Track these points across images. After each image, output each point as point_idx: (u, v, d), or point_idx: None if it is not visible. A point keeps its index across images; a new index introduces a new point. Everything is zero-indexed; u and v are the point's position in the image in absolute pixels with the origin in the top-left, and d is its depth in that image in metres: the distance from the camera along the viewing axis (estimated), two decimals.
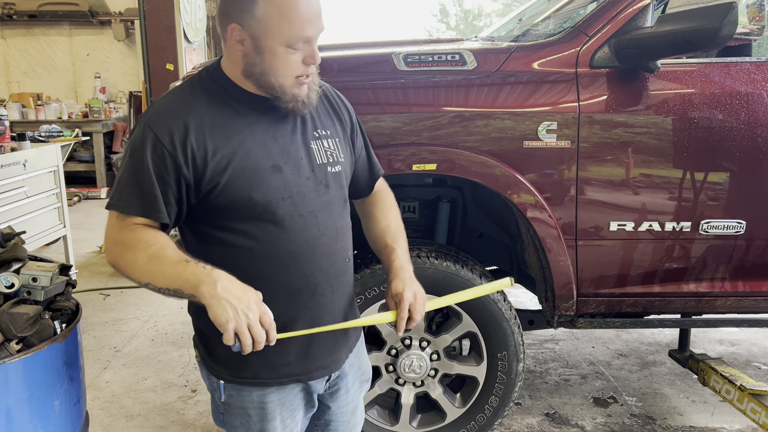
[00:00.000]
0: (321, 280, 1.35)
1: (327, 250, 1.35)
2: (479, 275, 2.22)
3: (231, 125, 1.26)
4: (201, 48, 5.23)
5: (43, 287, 1.99)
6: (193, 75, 1.35)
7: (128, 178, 1.24)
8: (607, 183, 2.12)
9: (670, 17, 1.92)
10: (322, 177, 1.34)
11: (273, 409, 1.36)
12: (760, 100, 2.10)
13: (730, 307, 2.29)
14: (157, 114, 1.25)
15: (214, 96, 1.28)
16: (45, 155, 4.07)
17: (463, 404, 2.32)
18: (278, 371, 1.35)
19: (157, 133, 1.22)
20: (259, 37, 1.20)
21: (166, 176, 1.22)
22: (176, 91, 1.30)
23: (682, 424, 2.68)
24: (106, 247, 1.28)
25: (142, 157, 1.22)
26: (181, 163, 1.22)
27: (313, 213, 1.32)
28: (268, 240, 1.28)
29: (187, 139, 1.22)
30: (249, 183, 1.25)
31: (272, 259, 1.29)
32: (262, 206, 1.26)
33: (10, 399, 1.76)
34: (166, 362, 3.24)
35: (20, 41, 8.59)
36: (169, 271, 1.18)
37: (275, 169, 1.27)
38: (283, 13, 1.18)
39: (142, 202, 1.23)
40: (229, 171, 1.23)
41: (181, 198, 1.25)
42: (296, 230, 1.30)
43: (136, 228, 1.24)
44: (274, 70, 1.22)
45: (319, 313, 1.37)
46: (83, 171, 8.07)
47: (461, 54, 2.14)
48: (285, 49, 1.20)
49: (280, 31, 1.19)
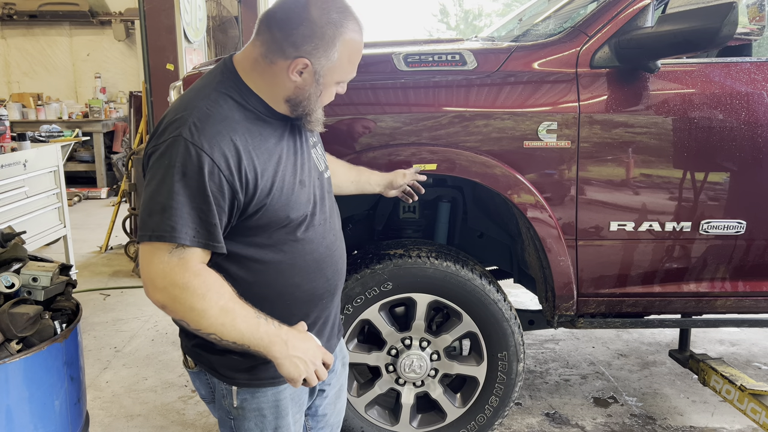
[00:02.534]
0: (338, 280, 1.42)
1: (340, 252, 1.44)
2: (479, 275, 2.22)
3: (266, 145, 1.26)
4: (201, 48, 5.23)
5: (44, 287, 1.99)
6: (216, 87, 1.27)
7: (184, 204, 1.14)
8: (607, 183, 2.12)
9: (671, 17, 1.92)
10: (326, 183, 1.42)
11: (286, 405, 1.40)
12: (760, 100, 2.10)
13: (731, 307, 2.29)
14: (202, 133, 1.16)
15: (247, 113, 1.26)
16: (45, 155, 4.07)
17: (463, 404, 2.32)
18: None
19: (213, 157, 1.14)
20: (324, 75, 1.27)
21: (222, 203, 1.17)
22: (210, 105, 1.22)
23: (682, 424, 2.68)
24: (158, 286, 1.16)
25: (199, 182, 1.14)
26: (238, 189, 1.18)
27: (327, 219, 1.39)
28: (297, 251, 1.32)
29: (241, 163, 1.18)
30: (287, 202, 1.27)
31: (301, 269, 1.33)
32: (296, 222, 1.29)
33: (11, 399, 1.76)
34: (167, 362, 3.24)
35: (20, 41, 8.60)
36: (242, 327, 1.17)
37: (301, 184, 1.31)
38: (351, 59, 1.29)
39: (200, 231, 1.16)
40: (273, 192, 1.24)
41: (229, 223, 1.22)
42: (319, 238, 1.35)
43: (199, 270, 1.16)
44: (320, 101, 1.31)
45: (333, 310, 1.47)
46: (83, 171, 8.07)
47: (461, 54, 2.13)
48: (336, 85, 1.32)
49: (342, 72, 1.30)
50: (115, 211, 5.32)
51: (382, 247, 2.27)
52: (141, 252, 1.19)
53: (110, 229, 5.30)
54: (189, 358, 1.40)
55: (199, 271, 1.17)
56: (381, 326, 2.23)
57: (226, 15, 7.08)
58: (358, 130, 2.06)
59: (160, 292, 1.16)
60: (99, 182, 7.96)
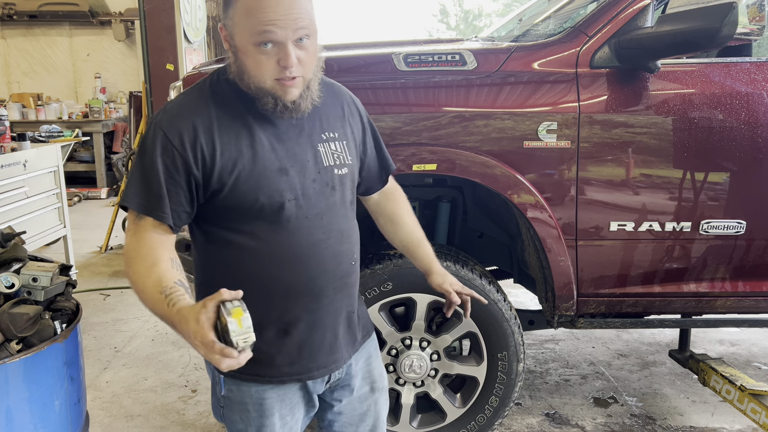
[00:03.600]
0: (326, 282, 1.35)
1: (333, 252, 1.35)
2: (479, 275, 2.22)
3: (238, 127, 1.27)
4: (201, 48, 5.23)
5: (44, 287, 2.00)
6: (204, 78, 1.36)
7: (137, 176, 1.26)
8: (607, 183, 2.12)
9: (671, 17, 1.92)
10: (329, 179, 1.35)
11: (272, 405, 1.37)
12: (760, 100, 2.10)
13: (731, 308, 2.29)
14: (166, 116, 1.27)
15: (223, 98, 1.29)
16: (45, 155, 4.07)
17: (463, 404, 2.32)
18: (279, 370, 1.36)
19: (167, 134, 1.23)
20: (234, 36, 1.23)
21: (177, 176, 1.24)
22: (186, 93, 1.32)
23: (682, 424, 2.68)
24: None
25: (152, 157, 1.24)
26: (191, 163, 1.23)
27: (318, 215, 1.32)
28: (274, 242, 1.29)
29: (197, 140, 1.24)
30: (256, 185, 1.26)
31: (278, 260, 1.30)
32: (269, 208, 1.27)
33: (11, 399, 1.76)
34: (167, 362, 3.24)
35: (20, 41, 8.59)
36: (149, 300, 1.18)
37: (281, 171, 1.28)
38: (249, 11, 1.18)
39: (147, 200, 1.24)
40: (236, 172, 1.25)
41: (192, 198, 1.27)
42: (302, 232, 1.30)
43: (141, 236, 1.24)
44: (248, 70, 1.23)
45: (320, 314, 1.37)
46: (83, 171, 8.07)
47: (461, 54, 2.13)
48: (254, 48, 1.20)
49: (247, 29, 1.19)
50: (115, 211, 5.32)
51: (382, 247, 2.27)
52: None
53: (110, 229, 5.30)
54: None
55: (142, 237, 1.24)
56: (381, 326, 2.23)
57: None
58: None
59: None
60: (99, 182, 7.96)
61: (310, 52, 1.23)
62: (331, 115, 1.40)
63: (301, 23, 1.19)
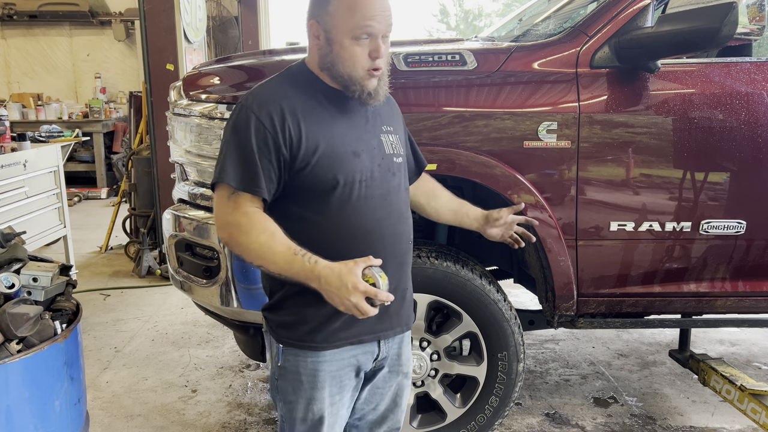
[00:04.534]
0: (387, 258, 1.43)
1: (393, 231, 1.48)
2: (479, 275, 2.22)
3: (318, 113, 1.41)
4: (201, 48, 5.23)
5: (44, 287, 2.00)
6: (284, 70, 1.49)
7: (233, 155, 1.37)
8: (607, 183, 2.12)
9: (671, 17, 1.92)
10: (390, 165, 1.49)
11: (323, 378, 1.45)
12: (760, 100, 2.10)
13: (731, 307, 2.29)
14: (256, 99, 1.39)
15: (302, 87, 1.43)
16: (45, 155, 4.07)
17: (463, 404, 2.32)
18: (335, 335, 1.44)
19: (259, 116, 1.36)
20: (330, 30, 1.37)
21: (268, 155, 1.36)
22: (270, 81, 1.46)
23: (682, 424, 2.68)
24: (219, 225, 1.40)
25: (246, 137, 1.36)
26: (281, 143, 1.36)
27: (382, 196, 1.46)
28: (343, 217, 1.41)
29: (285, 123, 1.36)
30: (334, 164, 1.39)
31: (345, 235, 1.42)
32: (343, 186, 1.39)
33: (11, 399, 1.76)
34: (167, 362, 3.24)
35: (20, 41, 8.60)
36: (280, 262, 1.32)
37: (354, 154, 1.42)
38: (351, 8, 1.34)
39: (244, 177, 1.36)
40: (318, 153, 1.37)
41: (280, 175, 1.38)
42: (367, 210, 1.43)
43: (249, 212, 1.36)
44: (342, 61, 1.38)
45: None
46: (83, 171, 8.07)
47: (461, 54, 2.13)
48: (351, 41, 1.36)
49: (346, 24, 1.35)
50: (115, 212, 5.32)
51: None
52: (214, 198, 1.42)
53: (110, 229, 5.30)
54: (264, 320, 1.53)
55: (248, 212, 1.36)
56: None
57: (226, 15, 7.09)
58: None
59: (221, 230, 1.39)
60: (99, 182, 7.96)
61: (388, 47, 1.41)
62: (386, 112, 1.56)
63: (391, 20, 1.38)
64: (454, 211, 1.83)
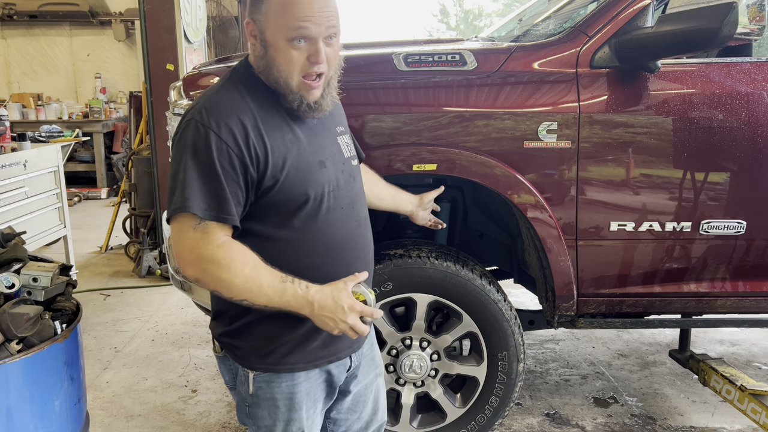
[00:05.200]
0: (360, 268, 1.40)
1: (363, 239, 1.44)
2: (479, 275, 2.22)
3: (278, 122, 1.29)
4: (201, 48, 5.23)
5: (44, 287, 2.00)
6: (230, 72, 1.35)
7: (194, 180, 1.21)
8: (607, 183, 2.12)
9: (671, 17, 1.92)
10: (351, 170, 1.42)
11: (300, 399, 1.40)
12: (760, 100, 2.10)
13: (731, 308, 2.29)
14: (212, 114, 1.24)
15: (255, 94, 1.30)
16: (45, 155, 4.07)
17: (463, 404, 2.32)
18: (314, 354, 1.38)
19: (219, 134, 1.22)
20: (264, 30, 1.25)
21: (235, 177, 1.23)
22: (220, 89, 1.31)
23: (682, 424, 2.68)
24: (186, 261, 1.24)
25: (208, 158, 1.21)
26: (248, 163, 1.23)
27: (350, 204, 1.39)
28: (315, 233, 1.33)
29: (249, 139, 1.23)
30: (304, 179, 1.29)
31: (319, 250, 1.34)
32: (314, 200, 1.31)
33: (11, 399, 1.76)
34: (167, 362, 3.24)
35: (20, 41, 8.59)
36: (269, 293, 1.23)
37: (321, 164, 1.33)
38: (284, 7, 1.22)
39: (211, 205, 1.22)
40: (287, 168, 1.27)
41: (247, 197, 1.27)
42: (340, 221, 1.36)
43: (223, 243, 1.23)
44: (277, 65, 1.25)
45: None
46: (83, 171, 8.06)
47: (461, 54, 2.13)
48: (286, 43, 1.23)
49: (279, 25, 1.23)
50: (115, 212, 5.32)
51: (382, 247, 2.27)
52: (171, 230, 1.27)
53: (110, 229, 5.30)
54: (216, 343, 1.44)
55: (222, 243, 1.23)
56: (381, 326, 2.23)
57: (226, 15, 7.08)
58: (358, 131, 2.05)
59: (191, 266, 1.24)
60: (99, 182, 7.95)
61: (335, 50, 1.29)
62: (335, 110, 1.46)
63: (333, 21, 1.25)
64: (393, 196, 1.81)
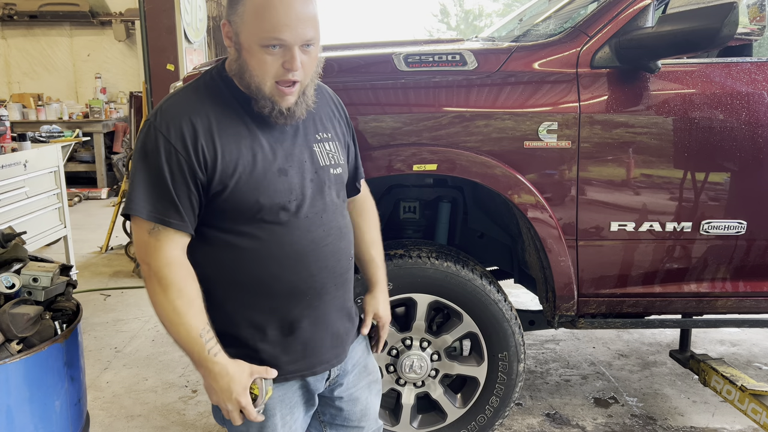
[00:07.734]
0: (327, 279, 1.36)
1: (332, 249, 1.37)
2: (480, 275, 2.22)
3: (238, 128, 1.27)
4: (201, 48, 5.23)
5: (44, 287, 1.99)
6: (199, 76, 1.34)
7: (142, 183, 1.22)
8: (607, 183, 2.12)
9: (671, 17, 1.92)
10: (325, 178, 1.36)
11: (273, 405, 1.37)
12: (760, 100, 2.10)
13: (731, 308, 2.29)
14: (164, 117, 1.24)
15: (220, 97, 1.28)
16: (45, 156, 4.07)
17: (463, 405, 2.32)
18: (284, 368, 1.36)
19: (168, 138, 1.21)
20: (239, 33, 1.23)
21: (184, 182, 1.22)
22: (181, 93, 1.30)
23: (683, 424, 2.67)
24: (141, 259, 1.26)
25: (157, 162, 1.21)
26: (196, 167, 1.22)
27: (317, 214, 1.34)
28: (275, 241, 1.30)
29: (198, 142, 1.22)
30: (256, 187, 1.26)
31: (279, 259, 1.30)
32: (269, 209, 1.27)
33: (11, 399, 1.76)
34: (167, 362, 3.24)
35: (21, 42, 8.60)
36: (183, 334, 1.23)
37: (281, 172, 1.29)
38: (258, 12, 1.19)
39: (157, 208, 1.22)
40: (237, 175, 1.24)
41: (200, 201, 1.26)
42: (302, 231, 1.31)
43: (172, 261, 1.23)
44: (250, 69, 1.23)
45: (322, 311, 1.39)
46: (84, 171, 8.07)
47: (462, 54, 2.13)
48: (260, 48, 1.21)
49: (254, 29, 1.20)
50: (115, 212, 5.32)
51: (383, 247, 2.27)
52: (132, 230, 1.29)
53: (110, 229, 5.30)
54: None
55: (171, 261, 1.23)
56: None
57: None
58: (359, 131, 2.05)
59: (142, 265, 1.27)
60: (99, 182, 7.96)
61: (312, 58, 1.25)
62: (324, 115, 1.42)
63: (310, 30, 1.21)
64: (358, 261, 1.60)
